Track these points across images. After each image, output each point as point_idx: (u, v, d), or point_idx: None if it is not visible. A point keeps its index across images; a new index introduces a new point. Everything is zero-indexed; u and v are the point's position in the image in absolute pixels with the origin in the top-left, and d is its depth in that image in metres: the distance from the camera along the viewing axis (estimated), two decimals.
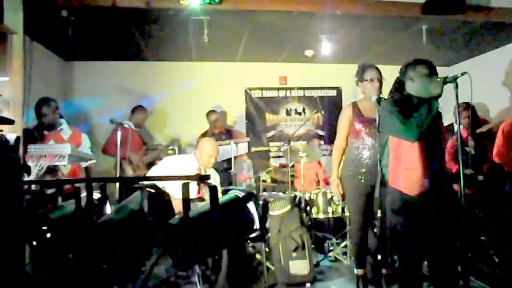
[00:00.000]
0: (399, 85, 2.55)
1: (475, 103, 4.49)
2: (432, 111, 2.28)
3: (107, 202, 1.52)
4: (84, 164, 3.60)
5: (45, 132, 3.48)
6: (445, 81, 2.29)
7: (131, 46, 4.98)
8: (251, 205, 1.19)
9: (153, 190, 1.37)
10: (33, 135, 3.41)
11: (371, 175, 2.88)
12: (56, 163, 2.69)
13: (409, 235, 2.37)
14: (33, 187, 2.05)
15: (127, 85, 5.58)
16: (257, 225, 1.17)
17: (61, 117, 3.62)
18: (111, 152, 4.48)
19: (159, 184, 1.43)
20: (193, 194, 3.17)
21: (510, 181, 3.43)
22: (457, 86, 2.26)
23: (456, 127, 4.45)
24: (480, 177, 4.01)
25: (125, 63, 5.65)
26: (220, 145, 4.13)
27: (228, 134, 5.26)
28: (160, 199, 1.34)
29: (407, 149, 2.36)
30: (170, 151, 5.20)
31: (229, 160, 4.29)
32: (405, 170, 2.37)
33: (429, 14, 3.94)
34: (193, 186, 3.18)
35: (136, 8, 3.71)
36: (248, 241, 3.44)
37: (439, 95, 2.32)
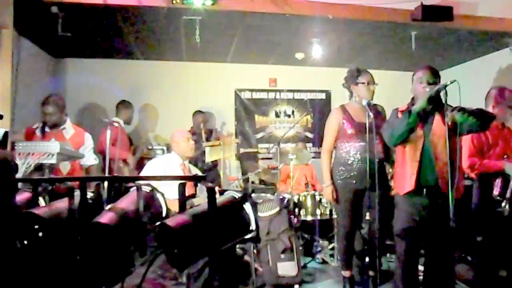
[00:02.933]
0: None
1: None
2: (409, 118, 2.43)
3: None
4: (86, 163, 3.53)
5: (47, 130, 3.36)
6: (430, 95, 2.39)
7: (121, 44, 4.93)
8: (247, 206, 1.20)
9: (148, 190, 1.37)
10: (34, 134, 3.33)
11: (361, 179, 2.92)
12: (44, 161, 2.64)
13: (402, 235, 2.60)
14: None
15: (116, 83, 5.52)
16: (253, 226, 1.18)
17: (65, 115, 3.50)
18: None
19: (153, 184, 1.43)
20: None
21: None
22: (446, 94, 2.32)
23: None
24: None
25: (115, 61, 5.60)
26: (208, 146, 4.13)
27: (211, 135, 5.27)
28: (155, 198, 1.34)
29: (399, 153, 2.65)
30: (158, 151, 5.16)
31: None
32: (397, 172, 2.70)
33: (418, 20, 4.00)
34: None
35: (127, 6, 3.68)
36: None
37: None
